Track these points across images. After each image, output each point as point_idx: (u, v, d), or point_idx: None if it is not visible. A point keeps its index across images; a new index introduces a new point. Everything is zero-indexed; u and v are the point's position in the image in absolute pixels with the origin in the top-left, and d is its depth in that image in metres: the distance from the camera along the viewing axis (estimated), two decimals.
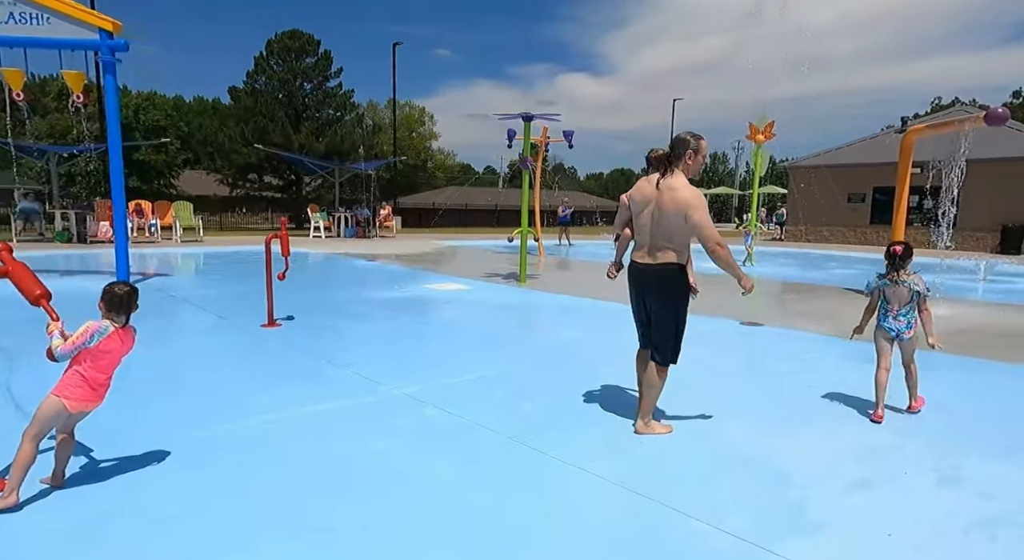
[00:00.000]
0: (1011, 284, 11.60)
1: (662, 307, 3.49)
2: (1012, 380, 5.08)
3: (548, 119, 10.14)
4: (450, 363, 5.02)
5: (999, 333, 6.93)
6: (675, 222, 3.31)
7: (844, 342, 6.27)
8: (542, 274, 11.93)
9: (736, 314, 7.54)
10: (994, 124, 7.31)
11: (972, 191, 20.00)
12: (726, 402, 4.17)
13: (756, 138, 14.65)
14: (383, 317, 7.13)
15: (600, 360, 5.29)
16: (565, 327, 7.10)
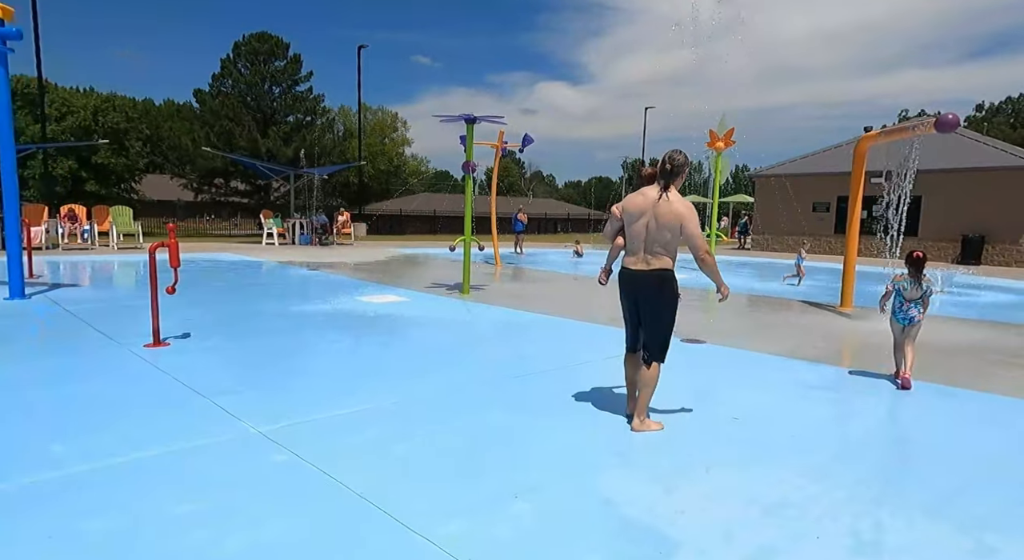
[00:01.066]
0: (970, 296, 11.35)
1: (657, 309, 3.77)
2: (957, 405, 4.65)
3: (492, 121, 9.62)
4: (341, 392, 4.43)
5: (949, 350, 6.55)
6: (670, 232, 3.62)
7: (792, 365, 5.88)
8: (492, 285, 11.39)
9: (680, 330, 7.05)
10: (944, 130, 7.00)
11: (933, 201, 20.09)
12: (632, 439, 3.64)
13: (716, 145, 14.33)
14: (294, 335, 6.51)
15: (515, 393, 4.74)
16: (496, 346, 6.54)
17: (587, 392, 4.64)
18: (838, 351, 6.61)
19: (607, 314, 8.09)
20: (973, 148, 20.66)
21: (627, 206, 3.79)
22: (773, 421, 4.08)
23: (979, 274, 14.77)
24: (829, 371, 5.62)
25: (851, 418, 4.44)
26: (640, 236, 3.71)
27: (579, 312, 8.40)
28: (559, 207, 57.95)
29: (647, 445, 3.58)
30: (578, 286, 12.03)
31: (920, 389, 5.07)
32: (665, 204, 3.63)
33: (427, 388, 4.58)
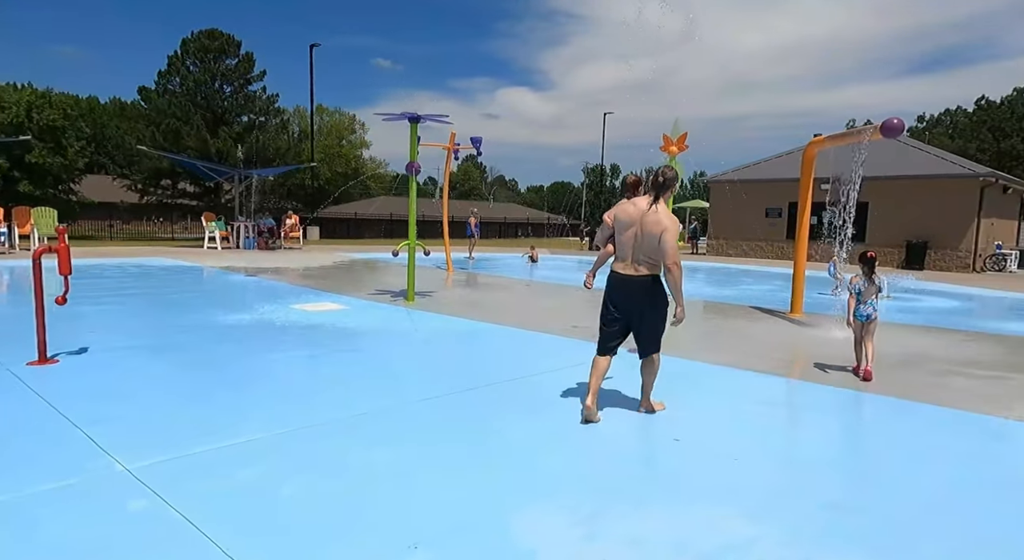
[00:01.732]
0: (914, 302, 11.47)
1: (651, 310, 4.04)
2: (910, 421, 4.44)
3: (437, 120, 9.19)
4: (239, 417, 3.93)
5: (899, 359, 6.42)
6: (654, 239, 3.84)
7: (741, 377, 5.56)
8: (441, 292, 10.93)
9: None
10: (890, 135, 6.92)
11: (879, 207, 20.57)
12: (557, 470, 3.27)
13: (669, 149, 14.19)
14: (207, 350, 5.93)
15: (434, 417, 4.31)
16: (430, 360, 6.10)
17: (510, 414, 4.25)
18: (788, 361, 6.41)
19: (558, 322, 7.76)
20: (916, 156, 21.26)
21: (618, 215, 4.03)
22: (716, 442, 3.78)
23: (922, 279, 15.09)
24: (778, 384, 5.39)
25: (798, 438, 4.19)
26: (629, 244, 3.95)
27: (527, 321, 8.05)
28: (519, 211, 57.81)
29: (576, 476, 3.21)
30: (529, 293, 11.69)
31: (872, 403, 4.88)
32: (652, 214, 3.87)
33: (340, 411, 4.12)
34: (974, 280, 16.08)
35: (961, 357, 6.59)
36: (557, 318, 8.31)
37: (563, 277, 14.20)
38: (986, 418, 4.42)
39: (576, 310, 9.35)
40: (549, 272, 15.64)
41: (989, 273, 18.93)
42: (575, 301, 10.54)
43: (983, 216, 18.89)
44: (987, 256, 19.53)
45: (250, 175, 19.85)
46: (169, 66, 36.38)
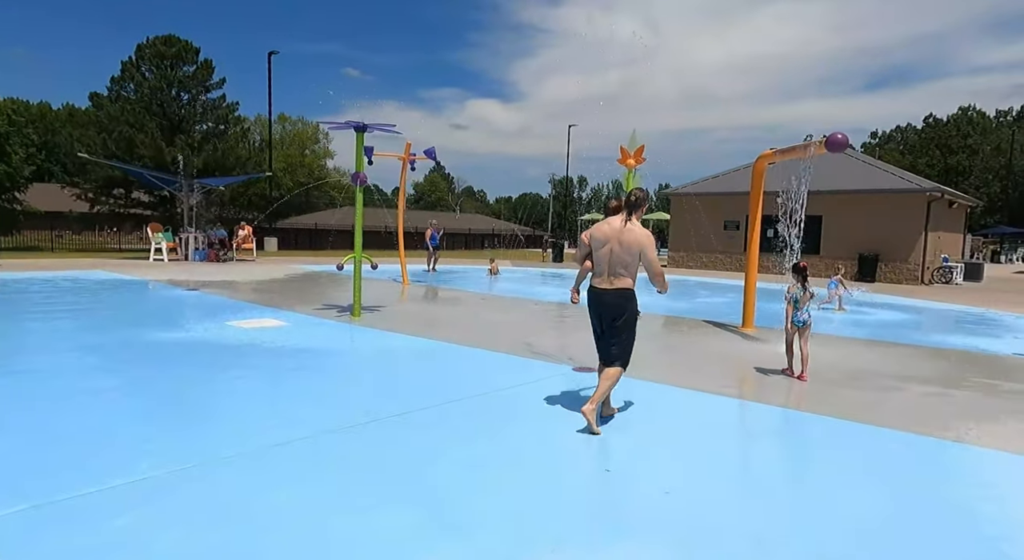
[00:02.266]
0: (865, 315, 11.60)
1: (621, 322, 4.27)
2: (846, 444, 4.30)
3: (384, 129, 8.92)
4: (128, 454, 3.56)
5: (842, 377, 6.37)
6: (631, 256, 4.18)
7: (686, 397, 5.36)
8: (392, 306, 10.59)
9: (574, 355, 6.58)
10: (834, 149, 6.93)
11: (832, 221, 21.04)
12: (474, 504, 3.01)
13: (627, 162, 14.23)
14: (116, 373, 5.50)
15: (349, 451, 4.00)
16: (368, 382, 5.78)
17: (438, 444, 3.97)
18: (731, 379, 6.27)
19: (507, 340, 7.52)
20: (868, 171, 21.84)
21: (594, 234, 4.35)
22: (648, 472, 3.58)
23: (874, 291, 15.39)
24: (723, 405, 5.23)
25: (733, 465, 4.01)
26: (605, 259, 4.27)
27: (474, 338, 7.79)
28: (485, 222, 57.60)
29: (496, 514, 2.95)
30: (482, 307, 11.43)
31: (810, 424, 4.77)
32: (628, 232, 4.21)
33: (249, 442, 3.78)
34: (923, 292, 16.47)
35: (903, 373, 6.58)
36: (506, 335, 8.07)
37: (521, 290, 14.02)
38: (923, 439, 4.33)
39: (527, 326, 9.15)
40: (508, 285, 15.43)
41: (937, 285, 19.46)
42: (527, 315, 10.34)
43: (930, 229, 19.45)
44: (935, 269, 20.09)
45: (200, 184, 19.17)
46: (123, 72, 35.27)
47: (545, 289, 14.46)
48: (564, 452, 3.89)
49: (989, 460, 4.00)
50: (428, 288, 14.21)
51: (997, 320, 11.29)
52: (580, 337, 7.68)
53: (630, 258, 4.20)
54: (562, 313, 10.74)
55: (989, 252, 38.67)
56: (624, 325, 4.29)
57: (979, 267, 21.89)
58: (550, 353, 6.82)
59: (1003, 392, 5.91)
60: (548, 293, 13.42)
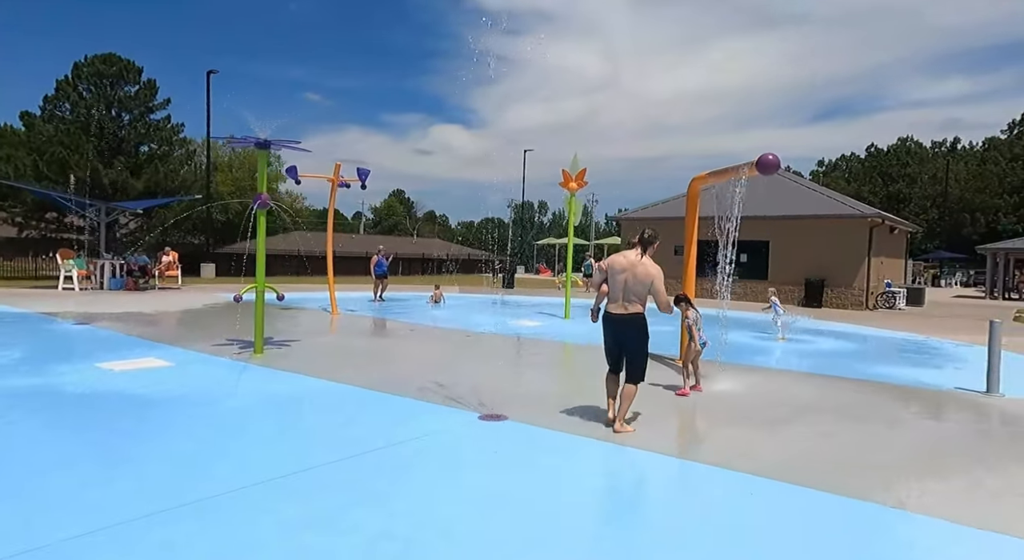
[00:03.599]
0: (808, 343, 11.23)
1: (635, 343, 5.08)
2: (760, 505, 3.64)
3: (289, 146, 8.17)
4: None
5: (768, 420, 5.79)
6: (643, 286, 4.97)
7: (605, 453, 4.63)
8: (306, 340, 9.67)
9: (485, 400, 5.82)
10: (765, 171, 6.50)
11: (779, 246, 21.07)
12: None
13: (569, 186, 13.76)
14: None
15: (218, 525, 3.12)
16: (245, 438, 4.88)
17: (304, 521, 3.15)
18: (662, 428, 5.60)
19: (420, 379, 6.68)
20: (813, 197, 22.07)
21: (612, 263, 5.07)
22: (512, 543, 2.83)
23: (819, 316, 15.19)
24: (641, 461, 4.55)
25: (610, 535, 3.29)
26: (620, 287, 4.96)
27: (382, 378, 6.98)
28: (443, 247, 56.77)
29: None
30: (407, 341, 10.60)
31: (720, 482, 4.09)
32: (642, 265, 4.95)
33: (69, 526, 2.88)
34: (867, 318, 16.38)
35: (825, 407, 6.06)
36: (421, 373, 7.27)
37: (458, 319, 13.23)
38: (849, 501, 3.72)
39: (446, 362, 8.36)
40: (449, 313, 14.65)
41: (881, 310, 19.55)
42: (451, 349, 9.56)
43: (873, 255, 19.60)
44: (879, 294, 20.23)
45: (125, 208, 17.87)
46: (57, 91, 33.63)
47: (481, 318, 13.73)
48: (452, 527, 3.11)
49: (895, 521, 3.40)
50: (358, 318, 13.29)
51: (938, 348, 11.06)
52: (498, 375, 7.02)
53: (642, 288, 4.95)
54: (490, 345, 10.03)
55: (929, 276, 39.89)
56: (637, 348, 5.07)
57: (921, 292, 22.20)
58: (461, 396, 6.06)
59: (935, 433, 5.42)
60: (483, 323, 12.68)
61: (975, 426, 5.99)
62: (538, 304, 18.08)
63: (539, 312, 15.77)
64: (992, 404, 6.59)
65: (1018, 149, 60.26)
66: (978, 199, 57.46)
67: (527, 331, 11.79)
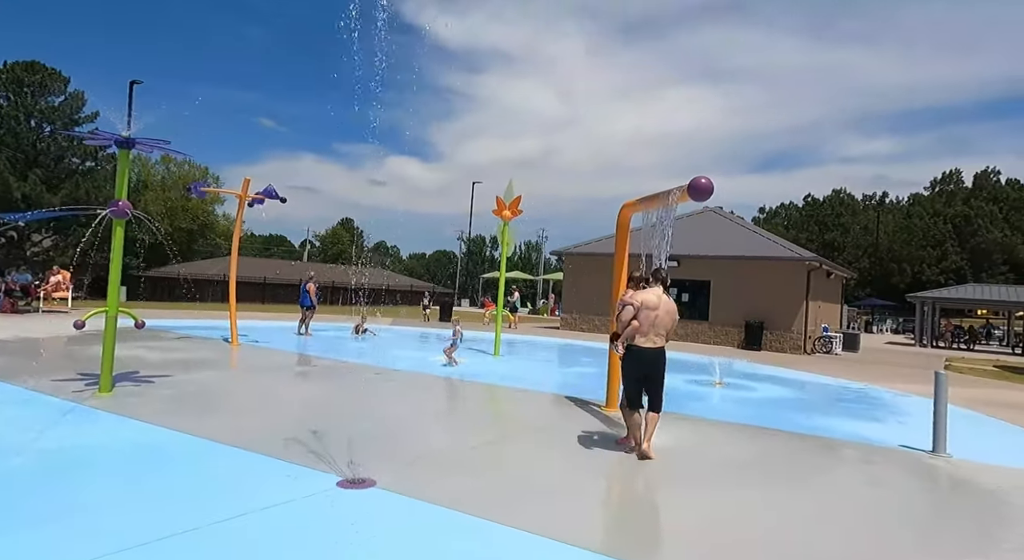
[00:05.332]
0: (746, 390, 10.53)
1: (662, 375, 5.53)
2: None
3: (157, 146, 6.97)
4: None
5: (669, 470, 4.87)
6: (671, 321, 5.50)
7: (491, 531, 3.51)
8: (176, 376, 8.26)
9: (360, 457, 4.65)
10: (698, 196, 5.73)
11: (720, 286, 20.81)
12: None
13: (503, 214, 12.93)
14: None
15: None
16: (50, 509, 3.57)
17: None
18: (571, 502, 4.59)
19: (290, 430, 5.44)
20: (754, 239, 22.09)
21: (645, 300, 5.45)
22: None
23: (758, 360, 14.68)
24: (524, 547, 3.49)
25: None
26: (651, 322, 5.39)
27: (254, 427, 5.75)
28: (388, 278, 55.08)
29: None
30: (302, 381, 9.32)
31: None
32: (668, 303, 5.53)
33: None
34: (805, 363, 16.01)
35: (771, 468, 5.21)
36: (298, 422, 6.08)
37: (375, 354, 11.96)
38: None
39: (336, 406, 7.13)
40: (371, 346, 13.36)
41: (819, 355, 19.37)
42: (351, 390, 8.31)
43: (811, 299, 19.53)
44: (816, 338, 20.12)
45: (8, 220, 15.93)
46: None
47: (403, 353, 12.54)
48: None
49: None
50: (259, 351, 11.86)
51: (878, 398, 10.54)
52: (389, 424, 5.83)
53: (670, 323, 5.45)
54: (397, 386, 8.88)
55: (863, 322, 41.01)
56: (663, 379, 5.51)
57: (856, 337, 22.31)
58: (333, 452, 4.90)
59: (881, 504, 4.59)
60: (402, 359, 11.50)
61: (926, 497, 5.25)
62: (470, 339, 16.97)
63: (468, 348, 14.66)
64: (939, 467, 5.90)
65: (939, 206, 64.13)
66: (905, 250, 60.47)
67: (447, 369, 10.67)
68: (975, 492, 5.20)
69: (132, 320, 7.27)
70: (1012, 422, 8.60)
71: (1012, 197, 62.54)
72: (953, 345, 30.09)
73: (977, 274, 55.19)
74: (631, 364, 5.40)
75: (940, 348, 28.65)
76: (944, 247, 59.70)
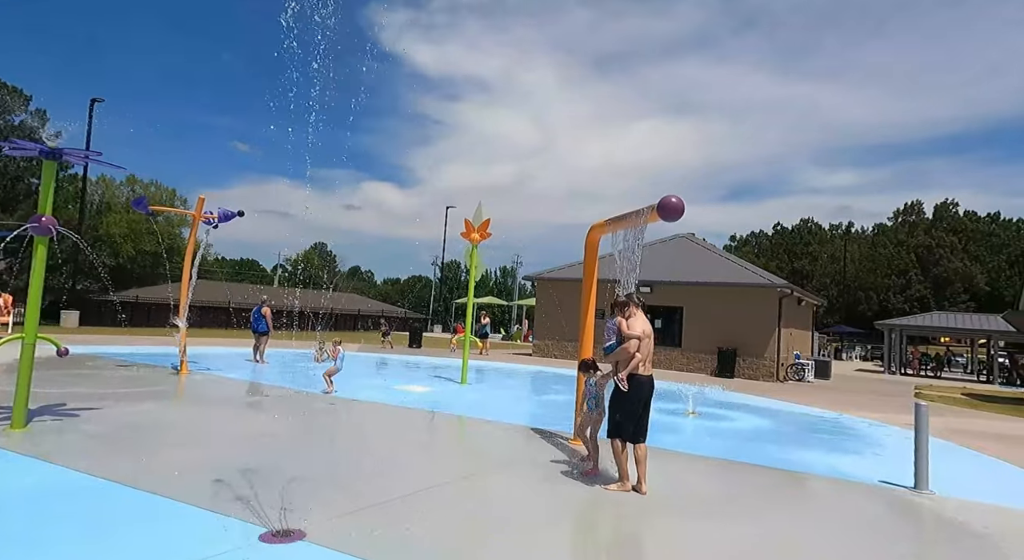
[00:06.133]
0: (720, 420, 10.18)
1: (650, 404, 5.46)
2: None
3: (90, 158, 6.45)
4: None
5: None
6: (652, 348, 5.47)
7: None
8: (107, 410, 7.57)
9: (294, 502, 4.10)
10: (668, 215, 5.45)
11: (693, 313, 20.63)
12: None
13: (471, 237, 12.55)
14: None
15: None
16: None
17: None
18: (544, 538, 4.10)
19: (222, 472, 4.84)
20: (726, 266, 22.06)
21: (645, 328, 5.37)
22: None
23: (732, 388, 14.38)
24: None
25: None
26: (648, 349, 5.34)
27: (181, 470, 5.12)
28: (360, 303, 54.01)
29: None
30: (255, 414, 8.66)
31: None
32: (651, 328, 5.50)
33: None
34: (779, 391, 15.79)
35: (743, 507, 4.79)
36: (232, 460, 5.48)
37: (335, 382, 11.30)
38: None
39: (279, 442, 6.48)
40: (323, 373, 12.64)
41: (791, 382, 19.22)
42: (300, 423, 7.68)
43: (783, 325, 19.45)
44: (788, 365, 20.00)
45: None
46: None
47: (365, 382, 11.92)
48: None
49: None
50: (209, 379, 11.14)
51: (853, 429, 10.27)
52: (335, 463, 5.22)
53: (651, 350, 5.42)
54: (353, 418, 8.32)
55: (832, 349, 41.43)
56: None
57: (828, 365, 22.29)
58: (263, 497, 4.34)
59: None
60: (363, 387, 10.89)
61: (914, 542, 4.88)
62: (438, 366, 16.42)
63: (435, 376, 14.11)
64: (924, 506, 5.56)
65: (902, 235, 65.96)
66: (871, 279, 61.81)
67: (411, 399, 10.12)
68: (964, 535, 4.85)
69: (55, 347, 6.61)
70: (988, 453, 8.38)
71: (970, 228, 64.72)
72: (920, 372, 30.43)
73: (940, 302, 56.55)
74: (636, 395, 5.23)
75: (908, 375, 28.90)
76: (908, 276, 61.20)
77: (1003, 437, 10.10)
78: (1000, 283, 58.84)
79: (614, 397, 5.38)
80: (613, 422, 5.36)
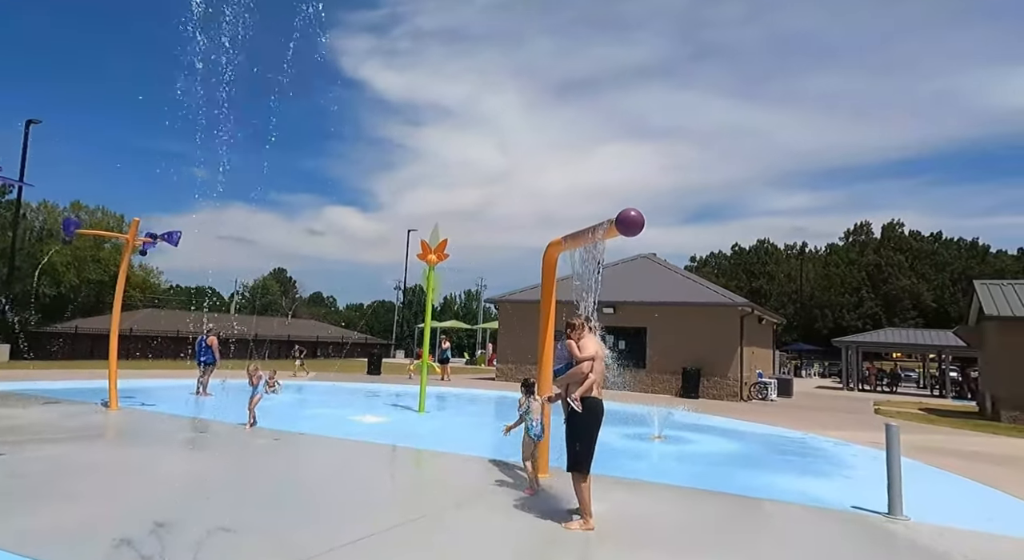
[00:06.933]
0: (685, 443, 9.86)
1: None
2: None
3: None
4: None
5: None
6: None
7: None
8: (16, 455, 6.75)
9: (215, 556, 3.51)
10: (627, 230, 5.14)
11: (657, 334, 20.50)
12: None
13: (428, 258, 12.10)
14: None
15: None
16: None
17: None
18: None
19: (124, 528, 4.16)
20: (688, 286, 22.11)
21: (598, 350, 5.16)
22: None
23: (696, 408, 14.15)
24: None
25: None
26: (601, 371, 5.12)
27: (60, 529, 4.45)
28: (319, 329, 52.46)
29: None
30: (183, 454, 7.92)
31: None
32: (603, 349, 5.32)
33: None
34: (743, 411, 15.66)
35: (715, 540, 4.42)
36: (136, 517, 4.83)
37: (284, 413, 10.51)
38: None
39: (191, 490, 5.79)
40: (281, 404, 11.87)
41: (755, 401, 19.19)
42: (232, 462, 7.00)
43: (745, 344, 19.48)
44: (752, 384, 20.00)
45: None
46: None
47: (317, 412, 11.20)
48: None
49: None
50: (140, 415, 10.28)
51: (820, 449, 10.09)
52: (260, 510, 4.44)
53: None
54: (297, 453, 7.69)
55: (792, 367, 42.12)
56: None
57: (790, 383, 22.44)
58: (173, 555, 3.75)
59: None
60: (314, 418, 10.21)
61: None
62: (397, 393, 15.76)
63: (392, 404, 13.47)
64: (900, 534, 5.29)
65: (853, 255, 68.26)
66: (825, 297, 63.53)
67: (364, 430, 9.49)
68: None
69: None
70: (955, 471, 8.27)
71: (915, 247, 67.43)
72: (877, 388, 31.04)
73: (891, 319, 58.37)
74: (594, 419, 4.91)
75: (866, 391, 29.44)
76: (860, 294, 63.14)
77: (964, 454, 10.08)
78: (945, 299, 61.19)
79: (571, 427, 4.97)
80: (572, 454, 4.93)
